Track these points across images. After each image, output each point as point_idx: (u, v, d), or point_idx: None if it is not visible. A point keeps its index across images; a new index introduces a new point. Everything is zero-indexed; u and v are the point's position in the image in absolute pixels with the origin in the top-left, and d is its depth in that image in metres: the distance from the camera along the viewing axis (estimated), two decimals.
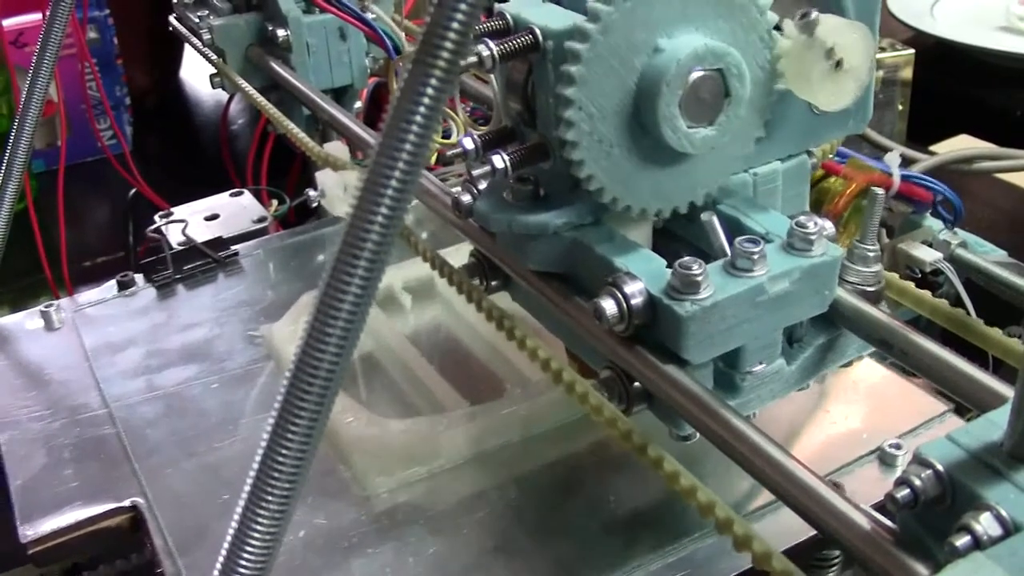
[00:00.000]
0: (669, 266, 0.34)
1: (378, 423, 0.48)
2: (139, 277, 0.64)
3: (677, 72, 0.33)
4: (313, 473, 0.46)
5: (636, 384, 0.36)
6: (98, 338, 0.59)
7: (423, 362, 0.53)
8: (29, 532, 0.45)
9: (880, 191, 0.37)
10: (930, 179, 0.49)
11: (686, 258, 0.33)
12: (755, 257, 0.34)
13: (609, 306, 0.34)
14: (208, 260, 0.65)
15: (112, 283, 0.64)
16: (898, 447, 0.44)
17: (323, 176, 0.66)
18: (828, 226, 0.36)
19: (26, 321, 0.61)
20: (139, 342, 0.59)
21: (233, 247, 0.66)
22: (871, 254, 0.37)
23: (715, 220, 0.37)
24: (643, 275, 0.34)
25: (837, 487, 0.42)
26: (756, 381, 0.37)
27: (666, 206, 0.37)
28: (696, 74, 0.33)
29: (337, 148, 0.63)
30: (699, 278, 0.33)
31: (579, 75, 0.33)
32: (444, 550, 0.43)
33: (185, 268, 0.64)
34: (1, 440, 0.51)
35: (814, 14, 0.35)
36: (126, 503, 0.47)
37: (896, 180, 0.48)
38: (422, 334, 0.58)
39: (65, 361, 0.57)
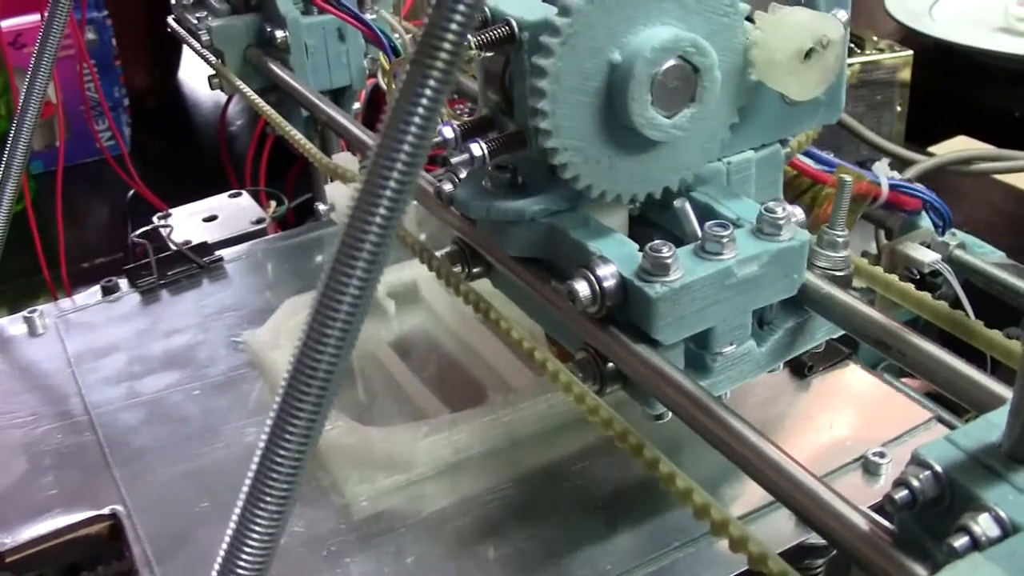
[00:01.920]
0: (642, 250, 0.34)
1: (358, 430, 0.47)
2: (123, 282, 0.63)
3: (644, 68, 0.34)
4: None
5: (610, 365, 0.36)
6: (81, 344, 0.59)
7: (404, 369, 0.53)
8: (7, 540, 0.45)
9: (849, 178, 0.38)
10: (917, 188, 0.49)
11: (656, 241, 0.34)
12: (724, 241, 0.34)
13: (582, 288, 0.34)
14: (193, 265, 0.64)
15: (96, 288, 0.63)
16: (882, 455, 0.44)
17: (333, 189, 0.65)
18: (797, 212, 0.37)
19: (9, 326, 0.61)
20: (122, 348, 0.58)
21: (219, 252, 0.66)
22: (840, 240, 0.38)
23: (687, 206, 0.37)
24: (615, 258, 0.35)
25: None
26: (727, 362, 0.37)
27: (640, 192, 0.37)
28: (663, 66, 0.34)
29: (346, 159, 0.63)
30: (669, 261, 0.33)
31: (551, 69, 0.34)
32: (424, 559, 0.42)
33: (169, 273, 0.64)
34: None
35: (784, 7, 0.36)
36: (105, 511, 0.46)
37: (884, 189, 0.48)
38: (405, 341, 0.58)
39: (47, 367, 0.57)
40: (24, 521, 0.46)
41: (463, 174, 0.40)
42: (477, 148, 0.37)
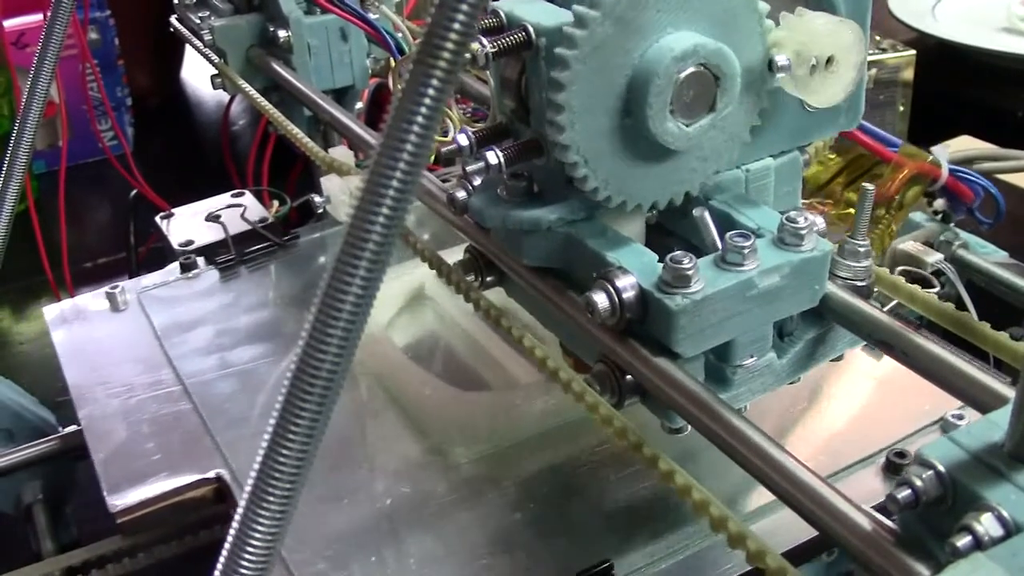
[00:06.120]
0: (661, 261, 0.34)
1: (457, 395, 0.50)
2: (200, 260, 0.65)
3: (665, 73, 0.33)
4: (395, 445, 0.48)
5: (628, 377, 0.36)
6: (166, 318, 0.60)
7: (494, 337, 0.54)
8: (117, 502, 0.46)
9: (871, 187, 0.38)
10: (977, 176, 0.49)
11: (677, 252, 0.33)
12: (745, 251, 0.34)
13: (601, 300, 0.34)
14: (269, 244, 0.66)
15: (175, 265, 0.65)
16: (960, 417, 0.45)
17: (328, 182, 0.66)
18: (819, 221, 0.36)
19: (91, 303, 0.62)
20: (208, 321, 0.60)
21: (292, 231, 0.67)
22: (862, 249, 0.37)
23: (707, 215, 0.37)
24: (635, 269, 0.34)
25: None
26: (747, 374, 0.37)
27: (659, 199, 0.37)
28: (684, 73, 0.33)
29: (342, 153, 0.63)
30: (690, 272, 0.33)
31: (568, 78, 0.33)
32: (526, 517, 0.44)
33: (247, 251, 0.65)
34: (80, 415, 0.52)
35: (806, 13, 0.35)
36: (210, 474, 0.47)
37: (944, 172, 0.47)
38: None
39: (135, 340, 0.59)
40: (132, 485, 0.47)
41: (477, 181, 0.40)
42: (493, 156, 0.36)
